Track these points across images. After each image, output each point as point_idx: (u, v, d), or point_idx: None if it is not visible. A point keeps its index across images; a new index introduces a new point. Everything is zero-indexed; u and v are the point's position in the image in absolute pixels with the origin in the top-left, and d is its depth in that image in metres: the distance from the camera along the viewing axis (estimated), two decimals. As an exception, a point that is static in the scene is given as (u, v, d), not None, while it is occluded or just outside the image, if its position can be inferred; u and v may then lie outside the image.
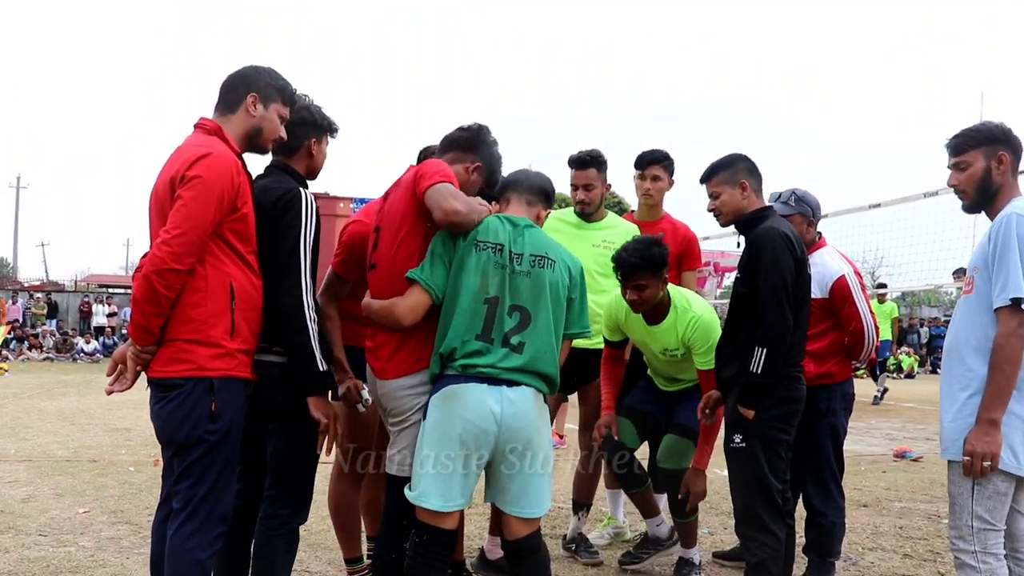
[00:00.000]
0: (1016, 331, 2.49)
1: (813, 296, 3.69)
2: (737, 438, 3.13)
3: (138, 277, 2.48)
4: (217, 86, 2.77)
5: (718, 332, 3.46)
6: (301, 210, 2.72)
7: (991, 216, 2.70)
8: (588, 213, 4.11)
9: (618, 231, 4.14)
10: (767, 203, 3.34)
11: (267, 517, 2.83)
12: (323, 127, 3.00)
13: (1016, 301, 2.48)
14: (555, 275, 2.83)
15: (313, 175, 3.02)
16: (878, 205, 11.03)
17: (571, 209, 4.21)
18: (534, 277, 2.79)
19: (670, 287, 3.62)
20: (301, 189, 2.78)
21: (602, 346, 3.96)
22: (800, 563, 3.72)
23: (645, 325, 3.66)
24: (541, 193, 3.05)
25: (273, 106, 2.74)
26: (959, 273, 10.65)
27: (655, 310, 3.60)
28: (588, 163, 4.06)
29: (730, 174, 3.25)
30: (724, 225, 3.44)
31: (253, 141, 2.74)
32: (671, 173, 4.32)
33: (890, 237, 12.22)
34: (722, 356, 3.29)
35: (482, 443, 2.66)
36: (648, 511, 4.04)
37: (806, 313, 3.23)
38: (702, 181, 3.36)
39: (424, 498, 2.68)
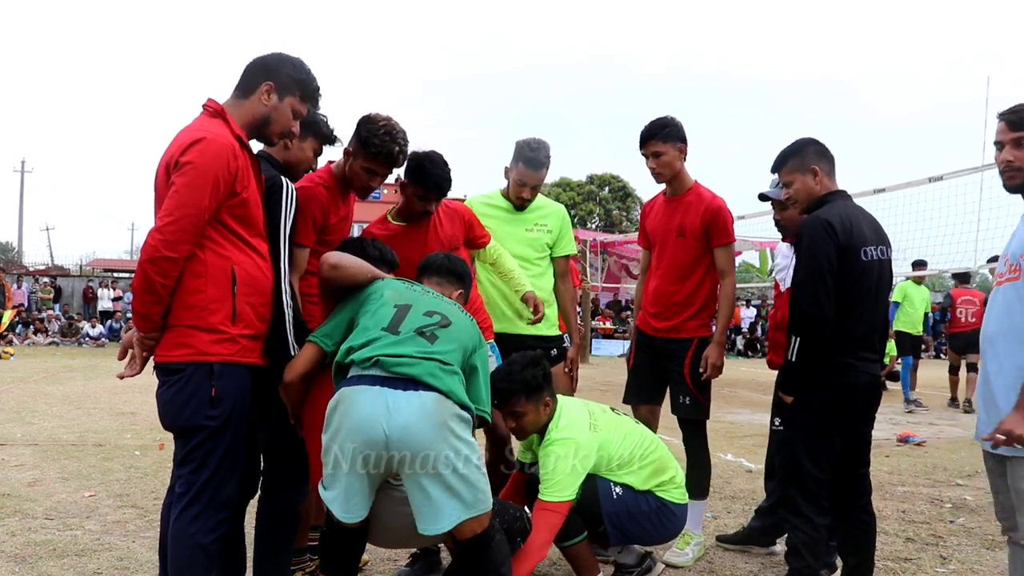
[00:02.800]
0: None
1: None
2: (776, 421, 3.15)
3: (136, 267, 2.48)
4: (221, 71, 2.78)
5: (562, 475, 3.11)
6: (282, 198, 2.76)
7: None
8: (525, 207, 4.04)
9: (549, 212, 4.09)
10: (841, 188, 3.24)
11: (268, 501, 2.84)
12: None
13: None
14: (468, 327, 2.84)
15: (289, 166, 3.12)
16: (883, 190, 10.99)
17: (497, 192, 4.09)
18: (451, 311, 2.84)
19: (562, 400, 3.36)
20: (282, 177, 2.82)
21: (544, 333, 3.96)
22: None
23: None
24: (451, 275, 3.14)
25: (288, 99, 2.69)
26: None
27: (543, 429, 3.30)
28: (543, 164, 3.94)
29: (799, 161, 3.22)
30: (801, 213, 3.36)
31: (261, 130, 2.70)
32: (676, 140, 3.94)
33: (895, 222, 12.17)
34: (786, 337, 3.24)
35: (370, 451, 2.51)
36: (581, 568, 3.33)
37: (860, 298, 3.05)
38: (773, 170, 3.35)
39: (330, 503, 2.62)
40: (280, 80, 2.67)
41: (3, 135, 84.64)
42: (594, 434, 3.28)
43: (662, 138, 3.91)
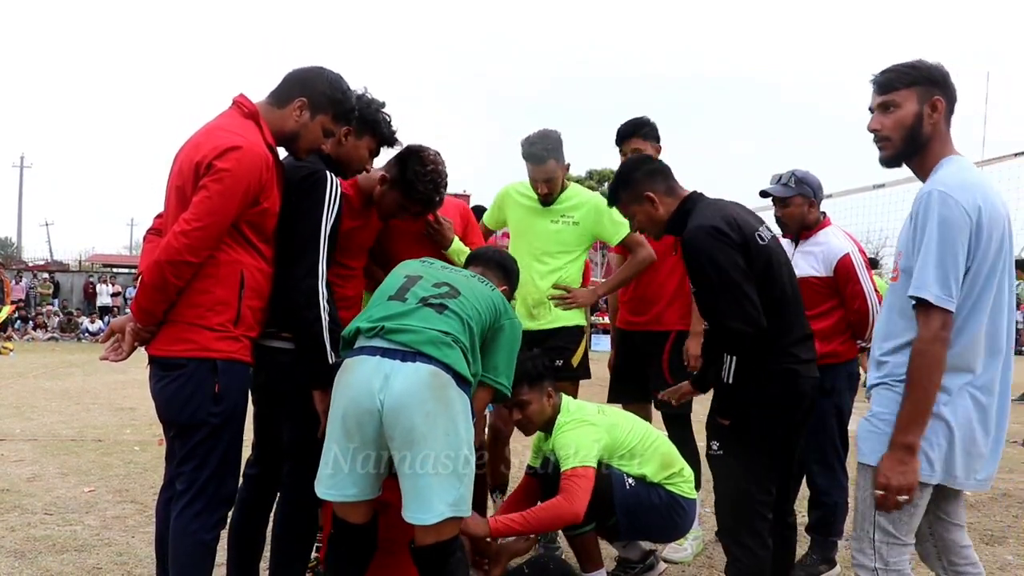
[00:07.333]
0: (938, 335, 2.07)
1: (818, 275, 3.70)
2: (715, 445, 2.84)
3: (150, 263, 2.43)
4: (225, 65, 2.74)
5: (579, 445, 3.13)
6: (325, 192, 2.65)
7: (921, 174, 2.29)
8: (551, 200, 3.92)
9: (577, 203, 3.92)
10: (690, 191, 2.97)
11: (287, 502, 2.81)
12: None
13: (918, 302, 2.10)
14: (492, 295, 2.73)
15: (339, 163, 2.91)
16: (882, 185, 10.98)
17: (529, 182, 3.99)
18: (469, 279, 2.75)
19: (565, 398, 3.39)
20: (328, 172, 2.70)
21: (550, 326, 3.90)
22: (803, 542, 3.72)
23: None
24: (498, 267, 3.04)
25: (320, 117, 2.63)
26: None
27: (548, 425, 3.32)
28: (546, 157, 3.80)
29: (631, 192, 2.93)
30: (657, 239, 3.28)
31: (288, 144, 2.65)
32: (654, 139, 4.00)
33: (894, 218, 12.18)
34: (707, 354, 2.95)
35: (366, 424, 2.40)
36: (586, 559, 3.30)
37: (781, 292, 2.76)
38: (609, 205, 3.09)
39: (316, 483, 2.53)
40: (315, 97, 2.62)
41: (2, 130, 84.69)
42: (603, 417, 3.34)
43: (643, 136, 4.02)
